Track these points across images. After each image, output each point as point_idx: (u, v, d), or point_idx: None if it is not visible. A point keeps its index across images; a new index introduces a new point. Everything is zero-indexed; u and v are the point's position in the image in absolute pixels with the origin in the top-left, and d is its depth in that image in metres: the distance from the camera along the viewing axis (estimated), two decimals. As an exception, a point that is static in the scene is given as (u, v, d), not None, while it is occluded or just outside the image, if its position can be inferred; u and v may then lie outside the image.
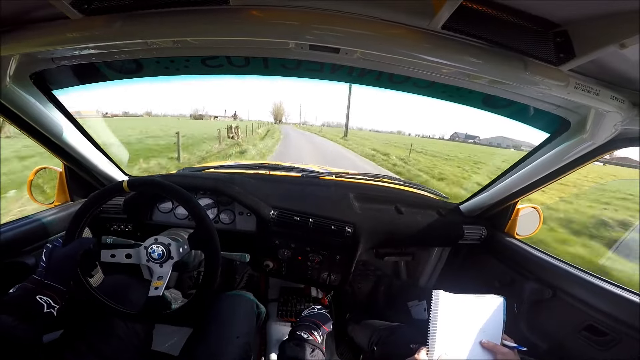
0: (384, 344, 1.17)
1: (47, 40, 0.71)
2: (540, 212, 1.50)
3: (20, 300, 0.74)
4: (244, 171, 1.66)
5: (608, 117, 0.82)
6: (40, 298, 0.75)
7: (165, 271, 0.91)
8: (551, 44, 0.64)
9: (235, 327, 1.02)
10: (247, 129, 23.18)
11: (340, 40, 0.68)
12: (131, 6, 0.63)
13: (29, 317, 0.72)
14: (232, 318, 1.04)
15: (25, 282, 0.78)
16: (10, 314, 0.70)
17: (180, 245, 0.94)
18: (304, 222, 1.32)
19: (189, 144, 13.39)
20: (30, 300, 0.74)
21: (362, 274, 1.87)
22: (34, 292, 0.76)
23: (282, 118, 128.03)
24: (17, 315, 0.71)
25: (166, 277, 0.90)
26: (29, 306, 0.74)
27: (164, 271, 0.91)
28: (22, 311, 0.72)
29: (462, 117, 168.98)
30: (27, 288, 0.77)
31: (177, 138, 9.82)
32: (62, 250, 0.85)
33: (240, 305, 1.11)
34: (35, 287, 0.77)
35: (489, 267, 1.50)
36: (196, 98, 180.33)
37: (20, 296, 0.75)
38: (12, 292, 0.76)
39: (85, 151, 1.21)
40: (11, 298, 0.75)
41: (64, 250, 0.85)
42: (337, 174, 1.66)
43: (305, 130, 57.56)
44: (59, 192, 1.35)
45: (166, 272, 0.91)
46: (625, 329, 0.97)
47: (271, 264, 1.42)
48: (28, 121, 0.96)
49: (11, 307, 0.72)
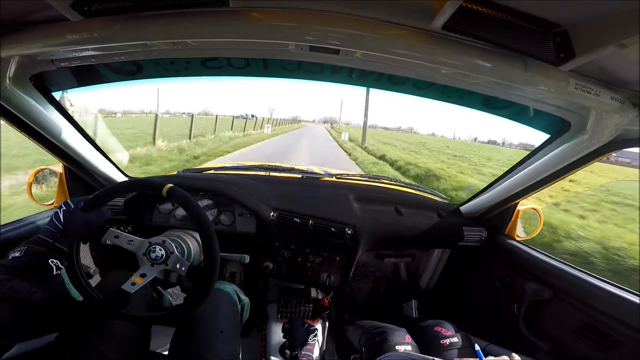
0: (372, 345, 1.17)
1: (47, 42, 0.71)
2: (541, 214, 1.49)
3: (31, 265, 0.71)
4: (244, 172, 1.66)
5: (608, 118, 0.82)
6: (52, 261, 0.73)
7: (151, 272, 0.89)
8: (551, 44, 0.64)
9: (218, 323, 1.00)
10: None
11: (341, 42, 0.68)
12: (131, 8, 0.63)
13: (41, 280, 0.70)
14: (214, 314, 1.02)
15: (32, 244, 0.74)
16: (22, 278, 0.68)
17: (180, 261, 0.91)
18: (304, 223, 1.32)
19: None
20: (41, 264, 0.72)
21: (362, 275, 1.87)
22: (46, 255, 0.73)
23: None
24: (29, 280, 0.69)
25: (148, 279, 0.88)
26: (40, 270, 0.72)
27: (151, 272, 0.89)
28: (34, 275, 0.70)
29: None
30: (38, 251, 0.73)
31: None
32: (85, 215, 0.81)
33: (221, 300, 1.09)
34: (46, 250, 0.74)
35: (489, 269, 1.50)
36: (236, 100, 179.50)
37: (31, 261, 0.72)
38: (18, 256, 0.71)
39: (85, 152, 1.21)
40: (20, 262, 0.71)
41: (85, 215, 0.82)
42: (337, 175, 1.66)
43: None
44: (59, 193, 1.35)
45: (152, 273, 0.89)
46: (626, 330, 0.97)
47: (271, 265, 1.41)
48: (28, 122, 0.96)
49: (23, 272, 0.70)
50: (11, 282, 0.67)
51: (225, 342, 0.97)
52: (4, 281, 0.67)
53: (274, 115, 64.76)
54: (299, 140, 18.48)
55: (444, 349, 1.14)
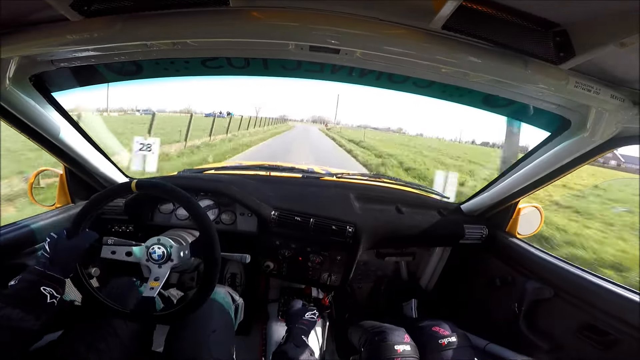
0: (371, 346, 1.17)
1: (47, 42, 0.71)
2: (541, 211, 1.50)
3: (24, 292, 0.73)
4: (244, 172, 1.66)
5: (608, 116, 0.82)
6: (44, 289, 0.74)
7: (163, 272, 0.91)
8: (551, 43, 0.64)
9: (210, 322, 1.01)
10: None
11: (341, 41, 0.68)
12: (131, 8, 0.63)
13: (34, 308, 0.72)
14: (206, 314, 1.03)
15: (26, 273, 0.77)
16: (15, 306, 0.69)
17: (182, 249, 0.93)
18: (305, 222, 1.32)
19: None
20: (34, 292, 0.73)
21: (363, 274, 1.87)
22: (38, 283, 0.75)
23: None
24: (22, 308, 0.70)
25: (163, 279, 0.90)
26: (33, 297, 0.73)
27: (161, 272, 0.91)
28: (26, 303, 0.72)
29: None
30: (30, 279, 0.75)
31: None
32: (68, 242, 0.85)
33: (214, 300, 1.10)
34: (38, 277, 0.76)
35: (490, 267, 1.50)
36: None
37: (23, 288, 0.74)
38: (14, 285, 0.75)
39: (86, 153, 1.21)
40: (15, 290, 0.74)
41: (70, 242, 0.85)
42: (337, 174, 1.66)
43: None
44: (60, 194, 1.35)
45: (164, 273, 0.91)
46: (627, 328, 0.97)
47: (272, 264, 1.41)
48: (28, 123, 0.96)
49: (15, 300, 0.71)
50: (4, 309, 0.69)
51: (218, 342, 0.97)
52: (1, 309, 0.69)
53: (260, 114, 55.43)
54: (290, 150, 13.32)
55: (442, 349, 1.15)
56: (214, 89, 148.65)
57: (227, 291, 1.20)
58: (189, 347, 0.94)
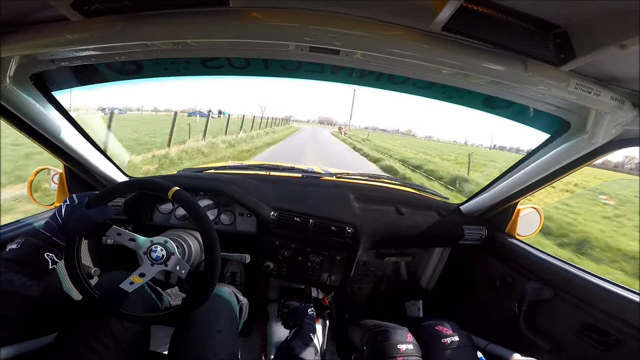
0: (374, 345, 1.17)
1: (47, 42, 0.71)
2: (540, 213, 1.50)
3: (27, 257, 0.71)
4: (244, 172, 1.66)
5: (608, 118, 0.82)
6: (47, 255, 0.73)
7: (151, 272, 0.89)
8: (551, 45, 0.64)
9: (216, 323, 1.00)
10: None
11: (341, 42, 0.68)
12: (131, 8, 0.63)
13: (36, 274, 0.70)
14: (211, 314, 1.02)
15: (29, 237, 0.74)
16: (17, 271, 0.68)
17: (181, 264, 0.90)
18: (305, 223, 1.32)
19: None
20: (37, 257, 0.72)
21: (363, 274, 1.87)
22: (42, 249, 0.73)
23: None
24: (24, 272, 0.69)
25: (147, 278, 0.88)
26: (36, 263, 0.71)
27: (150, 271, 0.89)
28: (29, 268, 0.70)
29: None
30: (34, 244, 0.73)
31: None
32: (87, 212, 0.81)
33: (218, 301, 1.09)
34: (43, 244, 0.74)
35: (489, 268, 1.50)
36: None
37: (27, 253, 0.72)
38: (15, 248, 0.71)
39: (85, 152, 1.21)
40: (17, 254, 0.71)
41: (89, 212, 0.81)
42: (337, 174, 1.66)
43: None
44: (59, 193, 1.35)
45: (152, 273, 0.89)
46: (628, 329, 0.97)
47: (271, 264, 1.41)
48: (28, 122, 0.96)
49: (17, 264, 0.69)
50: (6, 274, 0.67)
51: (223, 342, 0.97)
52: (2, 274, 0.67)
53: (265, 114, 53.37)
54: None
55: (445, 348, 1.15)
56: (213, 88, 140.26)
57: (232, 291, 1.19)
58: (194, 347, 0.93)
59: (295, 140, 20.17)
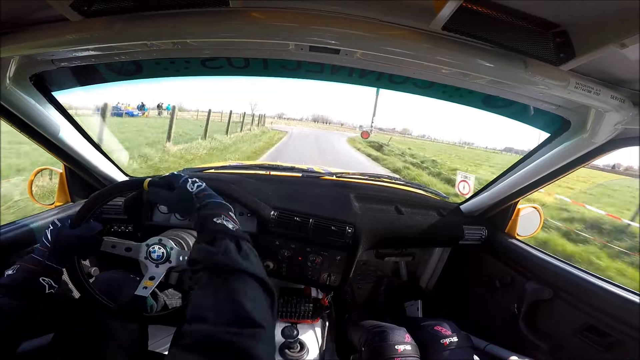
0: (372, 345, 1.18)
1: (47, 42, 0.71)
2: (540, 212, 1.50)
3: (22, 282, 0.71)
4: (244, 171, 1.66)
5: (608, 117, 0.82)
6: (43, 279, 0.73)
7: (159, 273, 0.90)
8: (551, 44, 0.64)
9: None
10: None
11: (341, 42, 0.68)
12: (131, 8, 0.63)
13: (32, 299, 0.71)
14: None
15: (24, 263, 0.75)
16: (12, 297, 0.68)
17: (182, 253, 0.92)
18: (305, 222, 1.32)
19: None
20: (33, 282, 0.72)
21: (363, 274, 1.87)
22: (37, 274, 0.73)
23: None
24: (20, 299, 0.69)
25: (158, 279, 0.89)
26: (32, 288, 0.72)
27: (158, 272, 0.90)
28: (24, 294, 0.70)
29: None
30: (29, 270, 0.73)
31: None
32: (71, 232, 0.81)
33: None
34: (37, 268, 0.74)
35: (489, 268, 1.50)
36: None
37: (22, 278, 0.72)
38: (11, 274, 0.72)
39: (85, 152, 1.21)
40: (13, 280, 0.71)
41: (73, 232, 0.82)
42: (337, 174, 1.66)
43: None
44: (60, 193, 1.35)
45: (160, 274, 0.90)
46: (628, 329, 0.97)
47: (271, 264, 1.41)
48: (28, 122, 0.96)
49: (13, 290, 0.69)
50: (2, 300, 0.67)
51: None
52: None
53: (255, 111, 41.82)
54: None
55: (444, 349, 1.15)
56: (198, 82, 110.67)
57: None
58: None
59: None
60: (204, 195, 0.75)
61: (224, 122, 14.28)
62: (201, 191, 0.77)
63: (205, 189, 0.78)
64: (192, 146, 9.31)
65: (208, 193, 0.76)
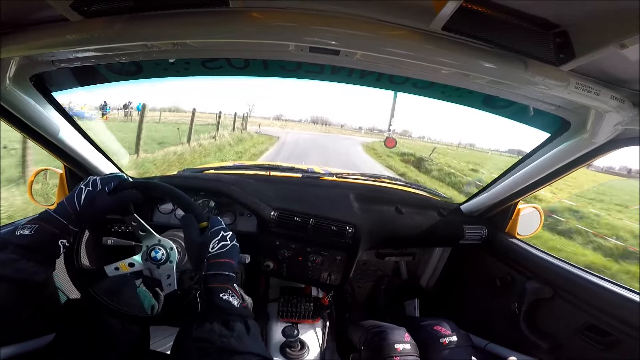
0: (371, 345, 1.18)
1: (47, 43, 0.71)
2: (541, 212, 1.50)
3: (41, 245, 0.68)
4: (244, 172, 1.66)
5: (608, 117, 0.82)
6: (61, 242, 0.70)
7: (140, 266, 0.87)
8: (551, 45, 0.64)
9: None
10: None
11: (341, 42, 0.68)
12: (131, 8, 0.63)
13: (47, 261, 0.68)
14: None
15: (43, 223, 0.69)
16: (29, 259, 0.65)
17: (171, 278, 0.88)
18: (305, 223, 1.32)
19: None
20: (52, 245, 0.69)
21: (363, 274, 1.87)
22: (58, 236, 0.70)
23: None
24: (37, 260, 0.66)
25: (133, 270, 0.86)
26: (50, 251, 0.69)
27: (140, 265, 0.87)
28: (41, 256, 0.67)
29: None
30: (49, 231, 0.69)
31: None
32: (108, 199, 0.76)
33: None
34: (58, 231, 0.70)
35: (489, 267, 1.50)
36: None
37: (41, 240, 0.68)
38: (28, 234, 0.67)
39: (85, 152, 1.21)
40: (32, 242, 0.67)
41: (109, 199, 0.76)
42: (337, 174, 1.66)
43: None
44: (60, 194, 1.35)
45: (139, 268, 0.87)
46: (628, 329, 0.97)
47: (272, 264, 1.42)
48: (28, 123, 0.96)
49: (34, 253, 0.66)
50: (18, 262, 0.64)
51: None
52: (12, 261, 0.63)
53: (252, 113, 40.51)
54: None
55: (444, 348, 1.15)
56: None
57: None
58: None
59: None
60: (218, 263, 0.73)
61: (206, 124, 11.93)
62: (219, 256, 0.74)
63: (224, 254, 0.74)
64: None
65: (223, 261, 0.74)
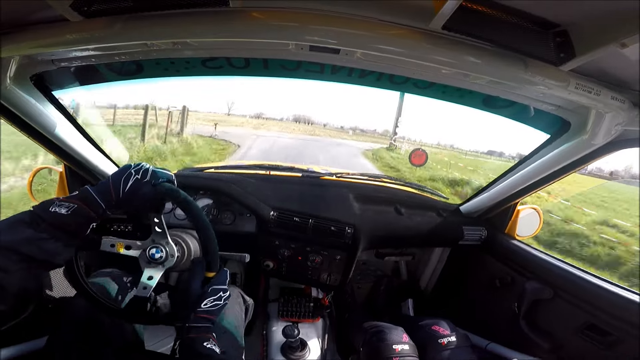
0: (370, 345, 1.18)
1: (47, 42, 0.71)
2: (540, 213, 1.50)
3: (76, 228, 0.65)
4: (244, 171, 1.66)
5: (608, 118, 0.82)
6: (92, 225, 0.68)
7: (158, 273, 0.88)
8: (551, 44, 0.64)
9: (221, 322, 1.00)
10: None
11: (341, 42, 0.68)
12: (131, 8, 0.63)
13: (73, 243, 0.67)
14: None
15: (82, 204, 0.66)
16: (58, 239, 0.62)
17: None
18: (304, 223, 1.32)
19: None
20: (85, 228, 0.67)
21: (363, 274, 1.87)
22: (92, 221, 0.67)
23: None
24: (64, 242, 0.63)
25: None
26: (82, 233, 0.67)
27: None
28: (72, 238, 0.65)
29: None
30: (87, 216, 0.66)
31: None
32: (150, 190, 0.74)
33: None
34: (96, 215, 0.67)
35: (489, 268, 1.50)
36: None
37: (76, 224, 0.65)
38: (63, 214, 0.63)
39: (85, 151, 1.21)
40: (67, 224, 0.64)
41: (150, 191, 0.74)
42: (337, 174, 1.66)
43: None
44: (60, 192, 1.35)
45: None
46: (628, 328, 0.97)
47: (271, 264, 1.42)
48: (28, 122, 0.96)
49: (62, 232, 0.63)
50: (47, 242, 0.61)
51: (227, 340, 0.97)
52: (41, 240, 0.60)
53: (232, 111, 41.19)
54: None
55: (443, 349, 1.15)
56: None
57: (239, 292, 1.19)
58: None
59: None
60: (203, 319, 0.72)
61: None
62: (207, 312, 0.73)
63: (212, 312, 0.74)
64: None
65: (208, 317, 0.74)
